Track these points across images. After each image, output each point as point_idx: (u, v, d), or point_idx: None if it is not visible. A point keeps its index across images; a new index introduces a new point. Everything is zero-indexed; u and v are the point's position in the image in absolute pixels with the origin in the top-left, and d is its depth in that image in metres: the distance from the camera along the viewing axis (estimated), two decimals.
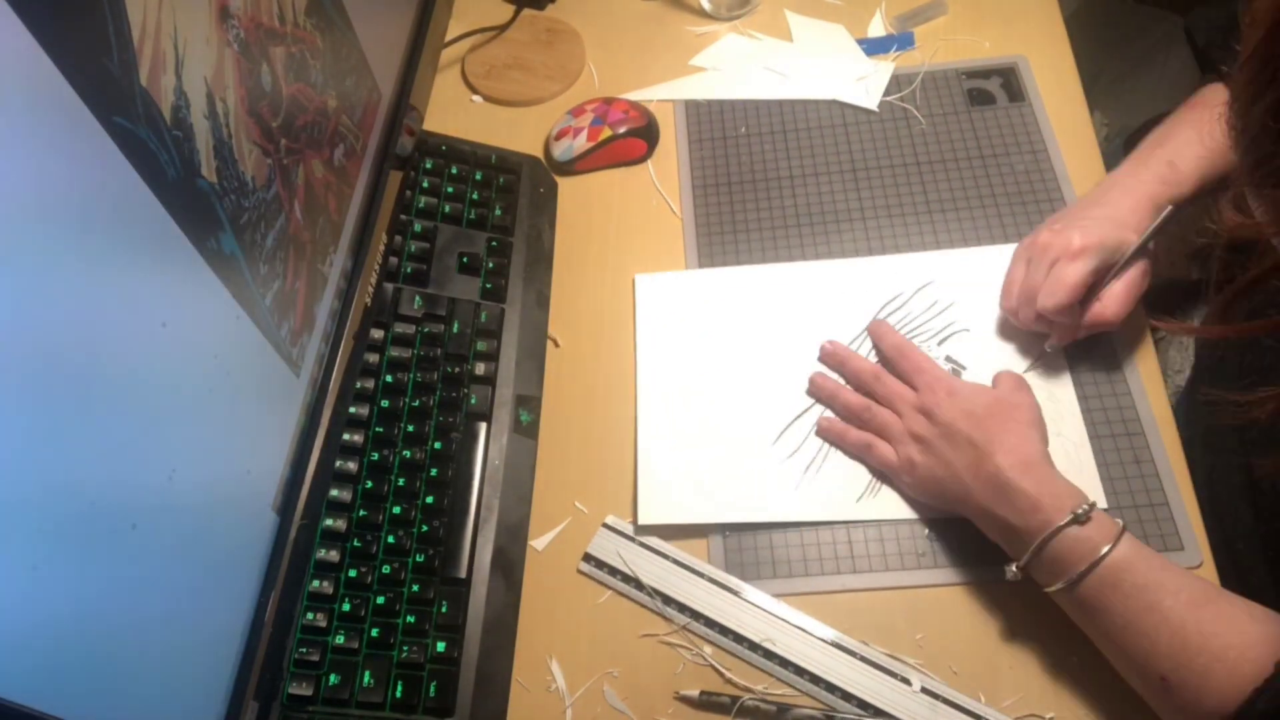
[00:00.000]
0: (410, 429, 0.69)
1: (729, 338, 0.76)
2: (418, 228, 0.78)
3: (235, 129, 0.51)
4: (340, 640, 0.62)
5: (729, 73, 0.92)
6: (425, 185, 0.80)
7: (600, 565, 0.68)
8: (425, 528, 0.66)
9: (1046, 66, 0.87)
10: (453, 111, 0.92)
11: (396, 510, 0.66)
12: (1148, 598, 0.55)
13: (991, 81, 0.87)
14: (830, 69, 0.90)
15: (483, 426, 0.71)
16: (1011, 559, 0.60)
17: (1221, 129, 0.44)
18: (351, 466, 0.67)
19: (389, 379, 0.71)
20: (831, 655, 0.63)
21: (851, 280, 0.78)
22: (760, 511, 0.68)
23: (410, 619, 0.63)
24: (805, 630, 0.64)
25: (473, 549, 0.67)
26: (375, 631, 0.63)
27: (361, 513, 0.66)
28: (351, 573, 0.64)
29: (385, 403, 0.70)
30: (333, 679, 0.61)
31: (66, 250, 0.38)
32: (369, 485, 0.67)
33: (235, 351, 0.52)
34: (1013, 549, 0.61)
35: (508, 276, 0.79)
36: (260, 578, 0.56)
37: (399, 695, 0.61)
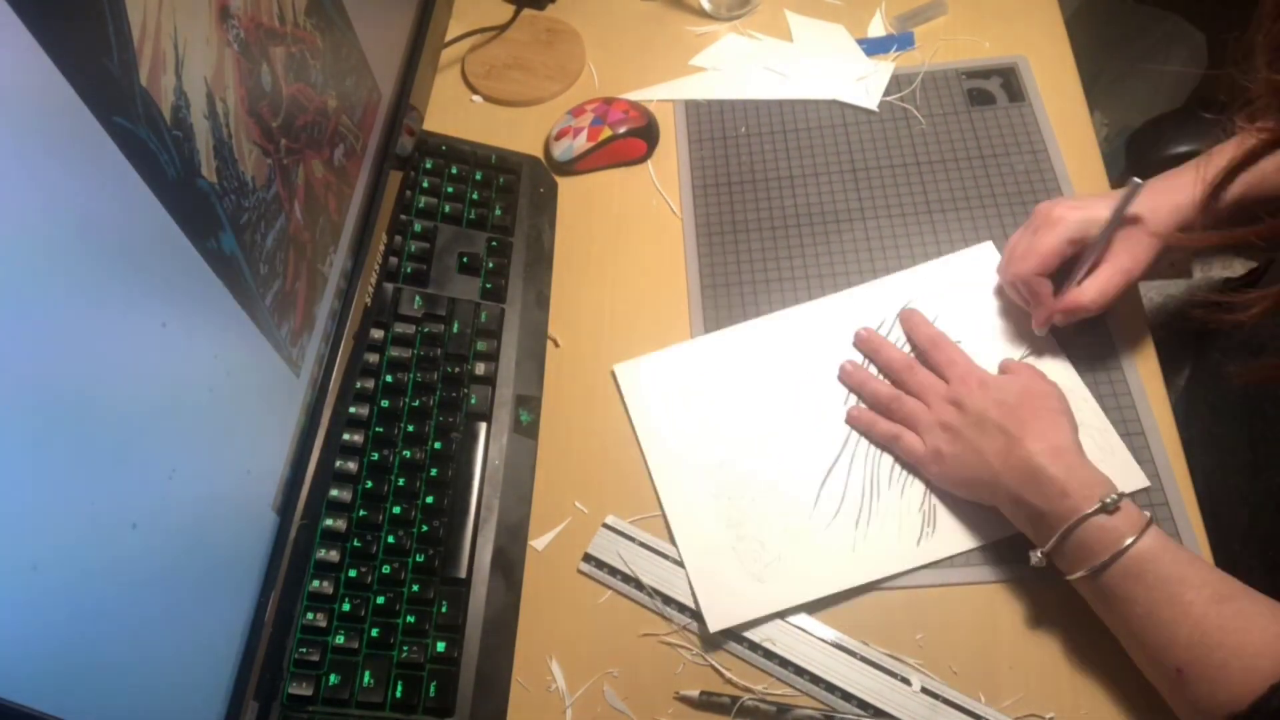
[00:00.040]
0: (410, 429, 0.69)
1: (728, 408, 0.72)
2: (418, 228, 0.78)
3: (235, 129, 0.51)
4: (340, 640, 0.62)
5: (729, 73, 0.92)
6: (425, 185, 0.80)
7: (600, 565, 0.68)
8: (425, 528, 0.66)
9: (1046, 66, 0.87)
10: (453, 111, 0.91)
11: (396, 510, 0.66)
12: (1170, 590, 0.55)
13: (991, 81, 0.87)
14: (830, 69, 0.90)
15: (483, 426, 0.71)
16: (1036, 545, 0.60)
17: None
18: (351, 466, 0.67)
19: (389, 379, 0.71)
20: (831, 655, 0.63)
21: (832, 318, 0.75)
22: (825, 584, 0.65)
23: (410, 619, 0.63)
24: (805, 630, 0.64)
25: (473, 549, 0.67)
26: (375, 631, 0.63)
27: (361, 513, 0.66)
28: (351, 573, 0.64)
29: (385, 403, 0.70)
30: (333, 679, 0.61)
31: (66, 250, 0.38)
32: (369, 485, 0.67)
33: (235, 351, 0.52)
34: (1038, 535, 0.60)
35: (508, 276, 0.79)
36: (260, 578, 0.56)
37: (399, 695, 0.61)
